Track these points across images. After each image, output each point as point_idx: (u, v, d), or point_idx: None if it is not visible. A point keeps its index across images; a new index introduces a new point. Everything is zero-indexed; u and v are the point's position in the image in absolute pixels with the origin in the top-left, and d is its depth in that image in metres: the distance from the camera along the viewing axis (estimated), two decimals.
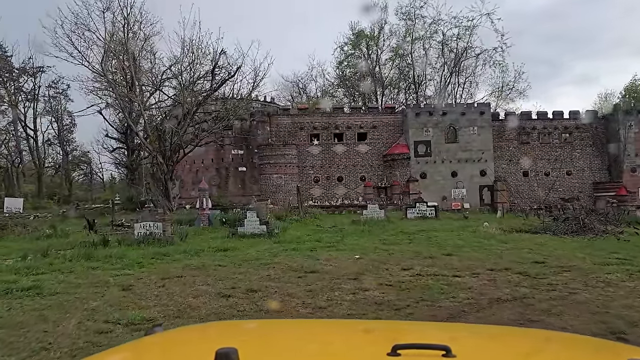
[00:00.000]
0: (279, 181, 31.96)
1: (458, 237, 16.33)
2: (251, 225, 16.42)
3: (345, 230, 18.66)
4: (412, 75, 51.17)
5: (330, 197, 33.66)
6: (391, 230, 18.39)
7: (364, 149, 34.38)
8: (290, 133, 33.92)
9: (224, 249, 13.31)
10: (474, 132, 33.17)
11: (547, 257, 11.71)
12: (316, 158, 34.10)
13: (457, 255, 12.15)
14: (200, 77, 20.70)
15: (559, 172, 34.80)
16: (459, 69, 49.59)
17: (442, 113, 33.06)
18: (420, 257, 11.82)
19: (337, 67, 53.79)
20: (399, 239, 15.82)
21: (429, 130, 33.08)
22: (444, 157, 33.09)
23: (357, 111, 35.15)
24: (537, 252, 12.78)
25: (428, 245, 14.04)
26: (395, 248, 13.50)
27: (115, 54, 21.09)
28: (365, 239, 15.97)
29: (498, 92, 47.98)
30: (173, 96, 21.54)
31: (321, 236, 16.50)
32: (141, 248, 13.34)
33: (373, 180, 34.14)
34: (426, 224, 21.68)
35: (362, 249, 13.33)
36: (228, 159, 32.56)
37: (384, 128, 34.38)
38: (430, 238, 15.96)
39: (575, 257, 11.70)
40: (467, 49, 48.43)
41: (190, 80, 20.72)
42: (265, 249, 13.35)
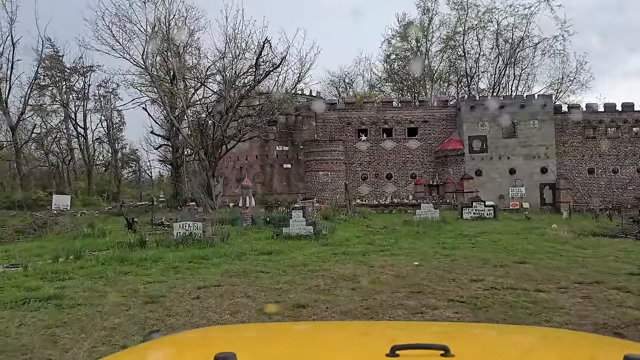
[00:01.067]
0: (325, 178, 30.81)
1: (526, 240, 14.68)
2: (297, 226, 15.31)
3: (398, 231, 17.28)
4: (464, 67, 48.90)
5: (379, 195, 32.23)
6: (448, 232, 16.87)
7: (415, 144, 32.72)
8: (337, 128, 32.70)
9: (268, 252, 12.25)
10: (535, 126, 30.90)
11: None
12: (364, 154, 32.75)
13: (532, 264, 10.59)
14: (244, 73, 19.80)
15: (628, 169, 31.98)
16: (515, 60, 46.95)
17: (500, 106, 30.96)
18: (490, 266, 10.34)
19: (385, 61, 52.23)
20: (459, 242, 14.32)
21: (485, 125, 31.05)
22: (501, 153, 30.99)
23: (408, 105, 33.52)
24: (625, 261, 11.06)
25: (495, 251, 12.50)
26: (458, 253, 12.03)
27: (158, 48, 20.49)
28: (422, 242, 14.55)
29: (558, 84, 45.06)
30: (217, 91, 20.70)
31: (373, 238, 15.21)
32: (179, 250, 12.47)
33: (424, 178, 32.45)
34: (486, 225, 19.99)
35: (420, 254, 11.96)
36: (272, 156, 31.70)
37: (436, 123, 32.62)
38: (494, 242, 14.40)
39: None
40: (523, 38, 45.79)
41: (233, 73, 19.88)
42: (312, 253, 12.19)
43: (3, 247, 13.46)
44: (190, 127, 20.66)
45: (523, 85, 47.14)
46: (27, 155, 44.72)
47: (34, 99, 44.69)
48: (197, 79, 24.90)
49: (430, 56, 49.93)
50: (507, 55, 47.05)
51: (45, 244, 13.82)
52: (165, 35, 20.42)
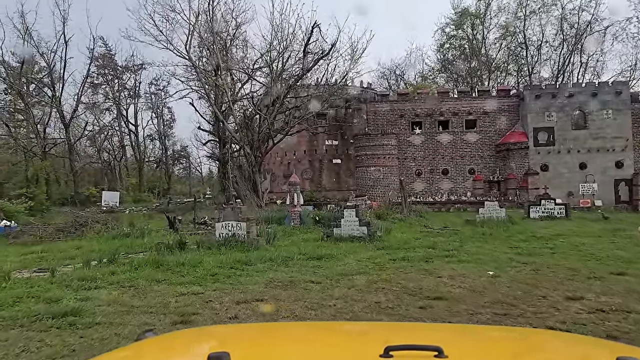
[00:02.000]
0: (377, 174, 29.33)
1: (613, 245, 12.77)
2: (349, 226, 14.01)
3: (461, 233, 15.68)
4: (524, 56, 45.99)
5: (434, 192, 30.43)
6: (519, 234, 15.11)
7: (473, 137, 30.66)
8: (390, 121, 31.10)
9: (317, 256, 11.01)
10: (608, 116, 28.19)
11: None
12: (418, 149, 31.00)
13: (634, 276, 8.83)
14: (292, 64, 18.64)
15: None
16: (582, 47, 43.67)
17: (568, 94, 28.43)
18: (582, 277, 8.70)
19: (438, 51, 49.96)
20: (534, 246, 12.60)
21: (552, 115, 28.61)
22: (570, 146, 28.48)
23: (465, 95, 31.45)
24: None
25: (581, 258, 10.75)
26: (538, 261, 10.39)
27: (203, 39, 19.64)
28: (490, 245, 12.93)
29: (630, 71, 41.48)
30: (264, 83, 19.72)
31: (433, 241, 13.70)
32: (220, 253, 11.45)
33: (484, 174, 30.36)
34: (558, 225, 18.03)
35: (493, 261, 10.40)
36: (321, 151, 30.48)
37: (497, 114, 30.41)
38: (576, 246, 12.58)
39: None
40: (591, 22, 42.45)
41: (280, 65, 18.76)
42: (367, 258, 10.86)
43: (41, 248, 12.90)
44: (236, 121, 19.71)
45: (591, 73, 43.86)
46: (80, 152, 45.60)
47: (87, 97, 45.52)
48: (244, 71, 23.90)
49: (487, 45, 47.32)
50: (573, 42, 43.85)
51: (83, 244, 13.17)
52: (210, 24, 19.53)
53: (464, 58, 47.27)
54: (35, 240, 13.84)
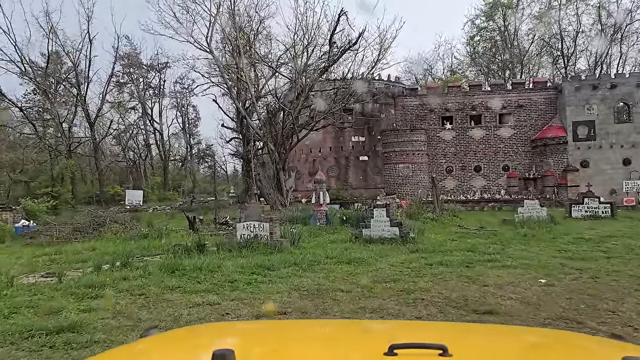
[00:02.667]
0: (405, 172, 28.28)
1: None
2: (379, 227, 13.11)
3: (500, 234, 14.58)
4: (559, 47, 44.14)
5: (466, 190, 29.21)
6: (564, 236, 13.93)
7: (507, 132, 29.30)
8: (419, 116, 29.99)
9: (346, 260, 10.18)
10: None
11: None
12: (449, 144, 29.81)
13: None
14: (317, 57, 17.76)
15: None
16: (622, 36, 41.62)
17: (611, 85, 26.82)
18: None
19: (468, 43, 48.45)
20: (584, 249, 11.48)
21: (593, 108, 27.06)
22: (612, 141, 26.88)
23: (499, 88, 30.08)
24: None
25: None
26: (593, 267, 9.32)
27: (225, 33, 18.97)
28: (535, 248, 11.87)
29: None
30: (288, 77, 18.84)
31: (471, 243, 12.68)
32: (242, 255, 10.72)
33: (519, 170, 28.99)
34: (605, 226, 16.74)
35: (542, 267, 9.40)
36: (348, 147, 29.56)
37: (533, 107, 28.98)
38: (632, 250, 11.43)
39: None
40: (632, 10, 40.41)
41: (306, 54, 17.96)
42: (401, 263, 9.97)
43: (55, 249, 12.37)
44: (260, 117, 18.96)
45: (631, 65, 41.78)
46: (105, 151, 45.74)
47: (111, 95, 45.60)
48: (269, 65, 23.03)
49: (519, 36, 45.60)
50: (612, 32, 41.84)
51: (99, 245, 12.60)
52: (232, 18, 18.82)
53: (495, 50, 45.65)
54: (51, 240, 13.37)
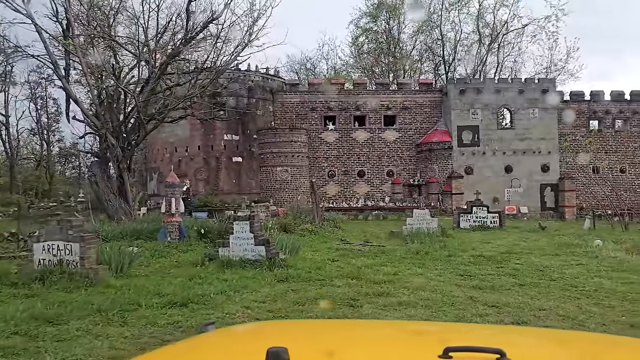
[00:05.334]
0: (283, 175, 25.76)
1: (584, 268, 10.17)
2: (241, 246, 10.27)
3: (389, 251, 12.45)
4: (441, 53, 44.84)
5: (349, 196, 27.47)
6: (461, 253, 12.23)
7: (392, 136, 28.10)
8: (300, 114, 27.71)
9: (183, 299, 7.17)
10: (534, 115, 26.85)
11: None
12: (331, 147, 27.88)
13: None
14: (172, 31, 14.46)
15: (638, 168, 28.45)
16: (499, 46, 43.25)
17: (494, 90, 26.71)
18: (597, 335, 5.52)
19: (353, 44, 47.57)
20: (490, 273, 9.65)
21: (477, 113, 26.76)
22: (495, 148, 26.76)
23: (384, 88, 28.83)
24: None
25: (563, 294, 7.87)
26: (510, 301, 7.35)
27: None
28: (433, 271, 9.82)
29: (545, 72, 41.50)
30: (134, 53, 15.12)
31: (356, 265, 10.35)
32: (29, 294, 7.28)
33: (403, 176, 27.91)
34: (498, 239, 15.59)
35: (448, 303, 7.26)
36: (219, 147, 26.30)
37: (418, 109, 28.10)
38: (541, 272, 9.84)
39: None
40: (507, 21, 42.10)
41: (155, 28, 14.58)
42: (261, 302, 7.26)
43: None
44: (94, 100, 15.11)
45: (507, 74, 43.50)
46: None
47: None
48: (103, 32, 18.16)
49: (403, 40, 45.66)
50: (490, 40, 43.34)
51: None
52: None
53: (380, 52, 45.21)
54: None
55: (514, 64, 43.63)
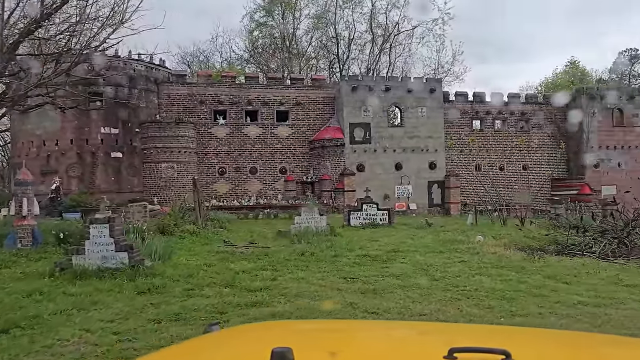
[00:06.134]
0: (169, 172, 24.10)
1: (465, 265, 10.11)
2: (99, 252, 8.93)
3: (273, 253, 11.67)
4: (335, 51, 45.10)
5: (241, 194, 26.39)
6: (348, 252, 11.76)
7: (285, 132, 27.45)
8: (187, 108, 26.12)
9: (6, 325, 5.85)
10: (422, 114, 27.55)
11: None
12: (222, 142, 26.62)
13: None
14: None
15: (515, 165, 30.32)
16: (391, 46, 44.36)
17: (385, 88, 27.01)
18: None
19: (247, 38, 46.36)
20: (374, 274, 9.21)
21: (368, 110, 26.90)
22: (386, 145, 27.07)
23: (277, 83, 28.06)
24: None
25: (445, 295, 7.57)
26: (392, 306, 6.85)
27: None
28: (316, 274, 9.22)
29: (433, 74, 43.22)
30: None
31: (234, 270, 9.43)
32: None
33: (296, 174, 27.38)
34: (387, 236, 15.42)
35: (327, 311, 6.58)
36: (95, 141, 23.95)
37: (311, 106, 27.70)
38: (425, 270, 9.59)
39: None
40: (398, 23, 43.30)
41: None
42: (109, 321, 6.12)
43: None
44: None
45: (399, 74, 44.76)
46: None
47: None
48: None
49: (298, 36, 45.29)
50: (382, 40, 44.31)
51: None
52: None
53: (275, 48, 44.47)
54: None
55: (404, 64, 44.93)
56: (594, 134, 30.07)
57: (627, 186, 29.11)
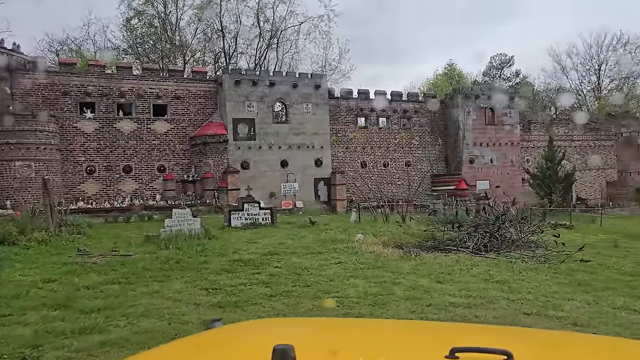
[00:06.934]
0: (25, 172, 21.31)
1: (342, 268, 9.58)
2: None
3: (134, 261, 10.30)
4: (222, 44, 43.49)
5: (114, 195, 24.16)
6: (219, 257, 10.79)
7: (163, 127, 25.60)
8: (48, 99, 23.32)
9: None
10: (308, 110, 27.13)
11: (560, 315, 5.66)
12: (90, 138, 24.14)
13: None
14: None
15: (398, 162, 31.02)
16: (278, 41, 43.68)
17: (269, 83, 26.18)
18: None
19: (125, 27, 43.10)
20: (241, 282, 8.38)
21: (253, 105, 25.90)
22: (271, 142, 26.27)
23: (154, 74, 26.10)
24: (520, 300, 6.85)
25: (312, 303, 6.92)
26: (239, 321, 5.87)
27: None
28: (176, 285, 8.21)
29: (321, 71, 43.25)
30: None
31: (77, 285, 8.01)
32: None
33: (176, 172, 25.66)
34: (267, 237, 14.64)
35: (171, 331, 5.60)
36: None
37: (192, 100, 26.10)
38: (298, 275, 8.91)
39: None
40: (285, 18, 42.74)
41: None
42: None
43: None
44: None
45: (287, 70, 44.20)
46: None
47: None
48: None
49: (181, 27, 43.01)
50: (269, 36, 43.49)
51: None
52: None
53: (156, 38, 41.81)
54: None
55: (292, 60, 44.45)
56: (469, 132, 31.62)
57: (498, 181, 31.04)
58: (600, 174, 36.88)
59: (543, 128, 35.30)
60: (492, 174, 31.72)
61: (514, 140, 32.71)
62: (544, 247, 11.95)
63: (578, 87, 53.81)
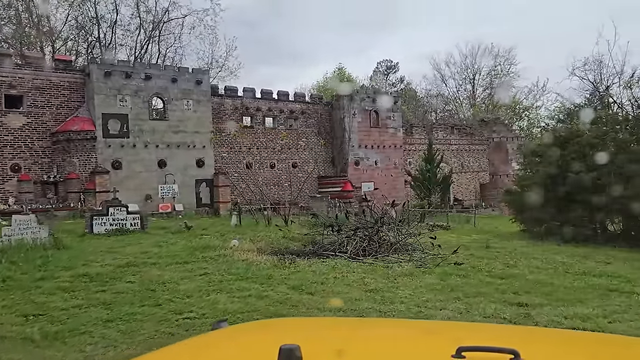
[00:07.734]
0: None
1: (205, 280, 8.57)
2: None
3: None
4: (96, 34, 40.06)
5: None
6: (60, 272, 9.17)
7: (19, 121, 22.50)
8: None
9: None
10: (189, 107, 25.44)
11: None
12: None
13: None
14: None
15: (285, 163, 30.32)
16: (160, 34, 41.17)
17: (145, 76, 24.14)
18: None
19: None
20: (78, 302, 6.96)
21: (126, 100, 23.68)
22: (147, 140, 24.21)
23: (5, 60, 22.85)
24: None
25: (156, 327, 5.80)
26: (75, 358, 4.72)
27: None
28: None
29: (207, 68, 41.41)
30: None
31: None
32: None
33: (34, 172, 22.69)
34: (132, 245, 13.11)
35: None
36: None
37: (54, 91, 23.25)
38: (153, 292, 7.71)
39: None
40: (168, 10, 40.37)
41: None
42: None
43: None
44: None
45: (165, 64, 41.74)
46: None
47: None
48: None
49: (50, 12, 38.91)
50: (151, 28, 40.87)
51: None
52: None
53: (17, 23, 37.35)
54: None
55: (176, 55, 42.17)
56: (355, 134, 31.76)
57: (382, 183, 31.54)
58: (474, 176, 39.06)
59: (424, 132, 36.58)
60: (377, 176, 32.14)
61: (397, 142, 33.43)
62: (421, 250, 11.77)
63: (455, 94, 57.13)
